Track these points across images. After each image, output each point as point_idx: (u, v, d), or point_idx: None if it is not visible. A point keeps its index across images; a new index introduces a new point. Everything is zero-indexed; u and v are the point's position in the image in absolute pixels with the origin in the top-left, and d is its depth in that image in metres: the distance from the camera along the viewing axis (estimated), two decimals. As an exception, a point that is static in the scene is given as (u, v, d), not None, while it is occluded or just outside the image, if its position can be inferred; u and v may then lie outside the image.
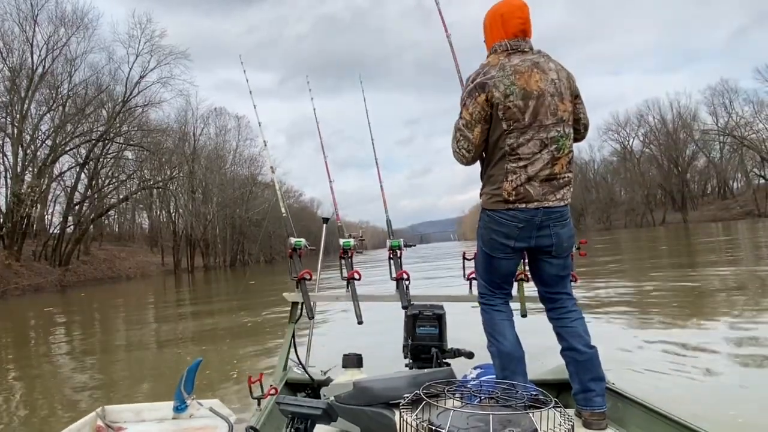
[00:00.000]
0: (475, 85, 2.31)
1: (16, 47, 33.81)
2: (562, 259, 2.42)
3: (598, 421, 2.24)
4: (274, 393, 2.58)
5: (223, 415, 2.28)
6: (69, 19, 35.31)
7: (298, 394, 2.91)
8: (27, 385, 5.87)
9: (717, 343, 5.06)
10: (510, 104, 2.24)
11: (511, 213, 2.32)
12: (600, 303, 7.90)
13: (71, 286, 30.47)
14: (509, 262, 2.42)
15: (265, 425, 2.28)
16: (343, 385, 2.35)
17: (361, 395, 2.25)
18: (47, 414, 4.60)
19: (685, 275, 11.24)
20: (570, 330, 2.37)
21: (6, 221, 31.35)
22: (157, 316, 13.76)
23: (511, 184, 2.29)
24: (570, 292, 2.48)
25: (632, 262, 16.90)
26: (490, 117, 2.30)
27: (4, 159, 33.94)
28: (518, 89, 2.25)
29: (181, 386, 2.34)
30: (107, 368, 6.68)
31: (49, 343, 9.33)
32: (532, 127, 2.26)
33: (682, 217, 66.28)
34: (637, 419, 2.33)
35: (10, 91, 33.17)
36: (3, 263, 28.63)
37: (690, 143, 70.55)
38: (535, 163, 2.28)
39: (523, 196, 2.29)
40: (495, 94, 2.25)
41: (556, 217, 2.34)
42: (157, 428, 2.28)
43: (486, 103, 2.28)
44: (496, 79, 2.27)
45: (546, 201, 2.30)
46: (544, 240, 2.34)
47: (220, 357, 6.52)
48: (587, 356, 2.32)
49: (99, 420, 2.25)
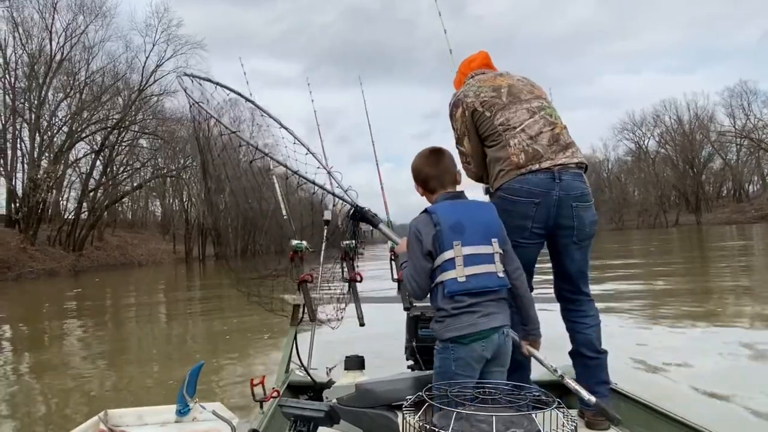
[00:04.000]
0: (451, 106, 2.50)
1: (36, 34, 34.24)
2: (584, 249, 2.37)
3: (600, 422, 2.27)
4: (277, 396, 2.57)
5: (226, 418, 2.26)
6: (88, 7, 35.55)
7: (301, 397, 2.90)
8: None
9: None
10: (484, 97, 2.39)
11: (524, 181, 2.25)
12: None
13: (84, 271, 30.81)
14: (526, 249, 2.29)
15: (268, 428, 2.27)
16: (345, 388, 2.36)
17: (364, 397, 2.26)
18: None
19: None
20: (584, 336, 2.38)
21: (22, 206, 31.74)
22: (185, 297, 13.98)
23: (517, 146, 2.29)
24: (589, 293, 2.44)
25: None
26: (474, 126, 2.41)
27: (22, 144, 34.39)
28: (486, 87, 2.43)
29: (184, 389, 2.31)
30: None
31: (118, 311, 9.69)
32: (513, 102, 2.38)
33: (696, 219, 65.47)
34: (640, 419, 2.35)
35: (28, 77, 33.54)
36: (18, 247, 29.02)
37: (706, 144, 69.56)
38: (532, 126, 2.33)
39: (533, 155, 2.27)
40: (467, 101, 2.41)
41: (577, 194, 2.28)
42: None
43: (464, 114, 2.42)
44: (465, 91, 2.47)
45: (557, 158, 2.27)
46: (564, 221, 2.28)
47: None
48: (596, 362, 2.36)
49: (101, 424, 2.24)
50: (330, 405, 2.02)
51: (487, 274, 1.86)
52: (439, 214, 1.91)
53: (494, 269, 1.87)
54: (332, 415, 1.95)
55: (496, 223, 1.96)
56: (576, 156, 2.32)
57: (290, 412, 1.92)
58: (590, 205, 2.34)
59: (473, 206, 2.01)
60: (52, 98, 35.20)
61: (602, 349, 2.37)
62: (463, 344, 1.82)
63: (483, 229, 1.91)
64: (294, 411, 1.92)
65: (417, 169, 2.08)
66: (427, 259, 1.89)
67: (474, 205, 2.02)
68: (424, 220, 1.93)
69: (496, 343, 1.83)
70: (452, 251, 1.85)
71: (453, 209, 1.94)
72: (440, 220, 1.89)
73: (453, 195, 2.02)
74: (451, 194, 2.02)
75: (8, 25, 32.94)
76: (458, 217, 1.90)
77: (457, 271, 1.84)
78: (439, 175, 2.03)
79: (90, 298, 16.23)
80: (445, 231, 1.87)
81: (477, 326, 1.81)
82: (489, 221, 1.95)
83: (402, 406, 1.52)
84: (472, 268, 1.84)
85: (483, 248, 1.88)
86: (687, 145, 69.60)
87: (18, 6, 32.97)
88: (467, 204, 2.01)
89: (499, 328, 1.84)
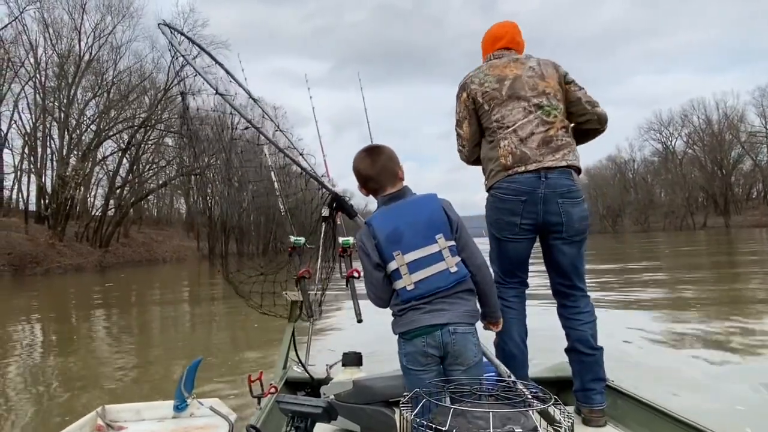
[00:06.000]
0: (459, 88, 2.55)
1: (65, 34, 35.10)
2: (576, 245, 2.37)
3: (597, 418, 2.29)
4: (274, 392, 2.59)
5: (224, 414, 2.28)
6: (115, 8, 36.37)
7: (298, 393, 2.91)
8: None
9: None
10: (486, 88, 2.43)
11: (512, 180, 2.30)
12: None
13: (110, 267, 31.44)
14: (518, 244, 2.38)
15: (266, 424, 2.28)
16: (343, 384, 2.36)
17: (361, 394, 2.30)
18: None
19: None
20: (579, 333, 2.38)
21: (51, 202, 32.53)
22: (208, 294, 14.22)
23: (506, 148, 2.34)
24: (584, 288, 2.45)
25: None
26: (475, 112, 2.47)
27: (51, 142, 35.19)
28: (492, 77, 2.45)
29: (182, 385, 2.33)
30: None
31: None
32: (511, 99, 2.39)
33: (725, 222, 64.03)
34: (637, 416, 2.35)
35: (58, 77, 34.35)
36: (47, 243, 29.75)
37: (736, 145, 68.00)
38: (525, 127, 2.34)
39: (520, 157, 2.31)
40: (472, 87, 2.47)
41: (563, 191, 2.30)
42: (158, 427, 2.26)
43: (467, 99, 2.48)
44: (472, 77, 2.51)
45: (545, 161, 2.29)
46: (552, 217, 2.31)
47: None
48: (592, 358, 2.35)
49: (99, 419, 2.25)
50: (327, 401, 2.02)
51: (437, 275, 1.82)
52: (375, 226, 1.87)
53: (444, 266, 1.82)
54: (330, 411, 1.95)
55: (438, 217, 1.86)
56: (566, 159, 2.32)
57: (288, 408, 1.92)
58: (578, 202, 2.35)
59: (410, 206, 1.91)
60: (81, 97, 36.03)
61: (598, 346, 2.37)
62: (407, 340, 1.84)
63: (423, 229, 1.84)
64: (292, 407, 1.92)
65: (356, 171, 2.00)
66: (379, 269, 1.87)
67: (411, 205, 1.91)
68: (365, 232, 1.90)
69: (439, 339, 1.79)
70: (395, 262, 1.83)
71: (387, 217, 1.89)
72: (376, 233, 1.86)
73: (390, 198, 1.94)
74: (387, 197, 1.95)
75: (39, 25, 33.85)
76: (394, 224, 1.85)
77: (404, 280, 1.82)
78: (376, 175, 1.95)
79: (118, 291, 16.69)
80: (383, 243, 1.84)
81: (418, 322, 1.81)
82: (429, 218, 1.86)
83: (399, 403, 1.53)
84: (418, 273, 1.82)
85: (426, 249, 1.83)
86: (716, 146, 68.15)
87: (48, 7, 33.85)
88: (402, 206, 1.91)
89: (444, 325, 1.79)
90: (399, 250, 1.82)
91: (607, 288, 10.40)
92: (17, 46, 32.95)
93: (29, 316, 10.94)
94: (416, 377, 1.80)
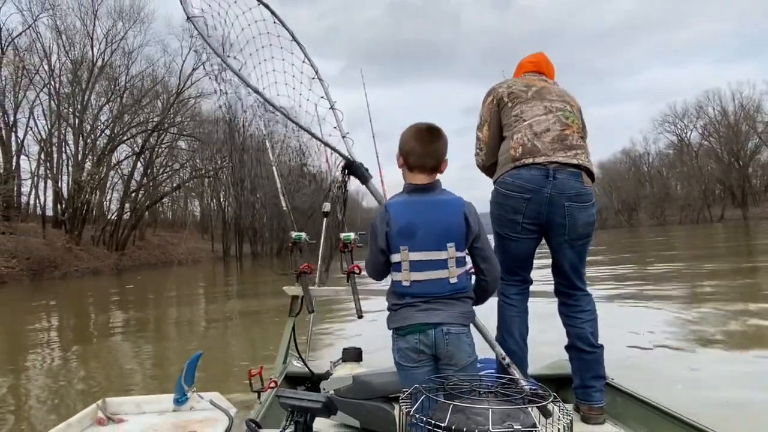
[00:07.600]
0: (487, 92, 2.58)
1: (78, 41, 35.54)
2: (577, 248, 2.34)
3: (596, 416, 2.29)
4: (274, 386, 2.61)
5: (224, 407, 2.28)
6: (126, 14, 36.75)
7: (298, 388, 2.92)
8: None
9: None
10: (513, 89, 2.47)
11: (517, 175, 2.25)
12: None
13: (126, 270, 31.81)
14: (519, 243, 2.33)
15: (265, 418, 2.28)
16: (342, 379, 2.39)
17: (361, 389, 2.32)
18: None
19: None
20: (579, 331, 2.37)
21: (67, 207, 33.00)
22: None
23: (518, 140, 2.31)
24: (585, 288, 2.44)
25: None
26: (497, 114, 2.48)
27: (66, 147, 35.66)
28: (521, 83, 2.51)
29: (182, 379, 2.33)
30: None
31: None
32: (535, 98, 2.42)
33: (742, 214, 63.07)
34: (636, 414, 2.34)
35: (72, 83, 34.80)
36: (64, 246, 30.18)
37: (753, 136, 66.84)
38: (541, 122, 2.33)
39: (530, 149, 2.27)
40: (500, 91, 2.50)
41: (571, 194, 2.24)
42: (158, 420, 2.26)
43: (492, 102, 2.50)
44: (501, 83, 2.57)
45: (555, 156, 2.24)
46: (556, 218, 2.26)
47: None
48: (592, 356, 2.34)
49: (100, 412, 2.26)
50: (327, 396, 2.03)
51: (436, 281, 1.80)
52: (391, 214, 1.84)
53: (446, 275, 1.80)
54: (329, 406, 1.95)
55: (456, 227, 1.82)
56: (578, 158, 2.27)
57: (287, 403, 1.92)
58: (587, 206, 2.29)
59: (432, 206, 1.84)
60: (95, 103, 36.51)
61: (598, 344, 2.36)
62: (401, 335, 1.83)
63: (437, 234, 1.80)
64: (291, 401, 1.92)
65: (404, 140, 1.91)
66: (383, 254, 1.87)
67: (433, 205, 1.85)
68: (381, 216, 1.87)
69: (432, 338, 1.78)
70: (399, 255, 1.81)
71: (407, 209, 1.84)
72: (391, 221, 1.83)
73: (416, 188, 1.87)
74: (414, 187, 1.88)
75: (52, 33, 34.29)
76: (411, 218, 1.82)
77: (403, 274, 1.82)
78: (423, 154, 1.86)
79: (136, 293, 17.01)
80: (394, 234, 1.82)
81: (412, 319, 1.80)
82: (447, 224, 1.81)
83: (398, 398, 1.53)
84: (418, 274, 1.80)
85: (434, 254, 1.80)
86: (732, 137, 67.07)
87: (61, 14, 34.30)
88: (426, 203, 1.85)
89: (438, 324, 1.78)
90: (407, 245, 1.80)
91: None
92: (32, 54, 33.48)
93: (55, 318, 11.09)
94: (408, 373, 1.81)
